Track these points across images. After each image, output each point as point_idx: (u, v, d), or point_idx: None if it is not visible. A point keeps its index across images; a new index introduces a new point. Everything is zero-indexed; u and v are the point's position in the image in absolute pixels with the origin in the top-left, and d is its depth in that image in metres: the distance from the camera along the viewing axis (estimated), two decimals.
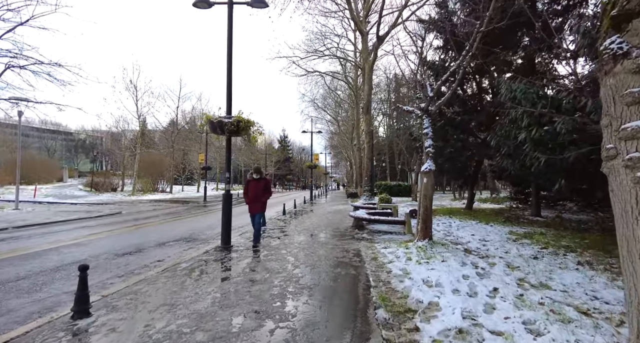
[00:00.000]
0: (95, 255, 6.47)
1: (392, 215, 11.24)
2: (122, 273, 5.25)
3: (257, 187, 7.34)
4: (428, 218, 6.54)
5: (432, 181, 6.63)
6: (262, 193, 7.36)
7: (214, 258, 6.07)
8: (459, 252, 6.20)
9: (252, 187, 7.36)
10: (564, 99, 5.72)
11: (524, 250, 6.50)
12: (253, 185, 7.36)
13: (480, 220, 11.54)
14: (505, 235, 8.57)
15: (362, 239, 8.14)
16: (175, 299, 3.89)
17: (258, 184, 7.36)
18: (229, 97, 7.13)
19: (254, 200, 7.34)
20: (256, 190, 7.33)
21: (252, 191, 7.35)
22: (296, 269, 5.24)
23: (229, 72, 7.12)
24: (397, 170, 43.70)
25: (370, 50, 20.82)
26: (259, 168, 7.76)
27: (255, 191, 7.33)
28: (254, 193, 7.33)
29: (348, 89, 35.89)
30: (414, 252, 6.02)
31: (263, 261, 5.80)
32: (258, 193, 7.32)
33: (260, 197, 7.35)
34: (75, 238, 8.34)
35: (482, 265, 5.23)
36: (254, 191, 7.33)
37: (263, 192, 7.39)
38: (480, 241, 7.76)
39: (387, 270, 5.19)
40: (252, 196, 7.34)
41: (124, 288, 4.33)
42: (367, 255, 6.32)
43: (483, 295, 3.80)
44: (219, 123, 6.76)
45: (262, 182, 7.44)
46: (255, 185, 7.35)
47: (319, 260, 5.83)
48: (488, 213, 14.23)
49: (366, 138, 19.83)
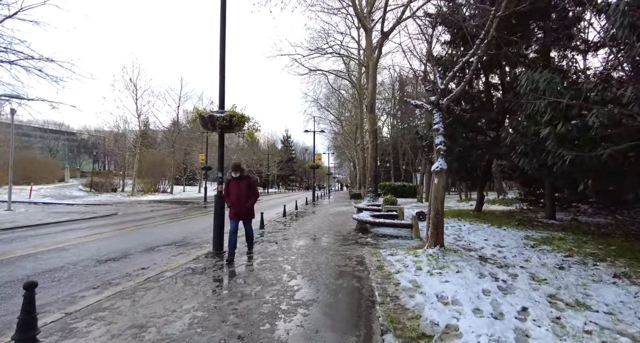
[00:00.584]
0: (75, 261, 5.94)
1: (397, 217, 10.62)
2: (98, 283, 4.70)
3: (238, 188, 6.00)
4: (439, 223, 5.94)
5: (444, 181, 6.02)
6: (246, 195, 6.02)
7: (203, 266, 5.51)
8: (474, 261, 5.59)
9: (234, 188, 6.01)
10: (592, 90, 5.11)
11: (545, 258, 5.87)
12: (234, 186, 6.02)
13: (492, 223, 10.89)
14: (521, 240, 7.93)
15: (366, 244, 7.54)
16: (148, 319, 3.32)
17: (240, 184, 6.02)
18: (221, 90, 6.58)
19: (238, 205, 6.00)
20: (238, 191, 5.99)
21: (234, 193, 6.01)
22: (292, 280, 4.66)
23: (222, 62, 6.56)
24: (402, 171, 43.00)
25: (374, 47, 20.22)
26: (237, 164, 6.14)
27: (238, 193, 6.00)
28: (236, 196, 5.99)
29: (351, 88, 35.29)
30: (424, 261, 5.42)
31: (256, 270, 5.23)
32: (241, 195, 5.99)
33: (244, 200, 6.01)
34: (60, 242, 7.82)
35: (503, 277, 4.61)
36: (236, 193, 5.99)
37: (247, 194, 6.04)
38: (495, 247, 7.13)
39: (394, 282, 4.60)
40: (235, 199, 5.99)
41: (93, 303, 3.78)
42: (372, 263, 5.73)
43: (511, 317, 3.20)
44: (209, 118, 6.20)
45: (245, 182, 6.06)
46: (237, 186, 6.01)
47: (318, 270, 5.25)
48: (498, 215, 13.57)
49: (370, 137, 19.22)
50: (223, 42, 6.55)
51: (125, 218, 12.96)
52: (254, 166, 55.17)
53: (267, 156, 55.96)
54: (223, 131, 6.43)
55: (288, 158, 69.93)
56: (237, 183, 6.03)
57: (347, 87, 38.69)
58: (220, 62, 6.56)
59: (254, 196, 6.20)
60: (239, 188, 6.01)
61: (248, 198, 6.06)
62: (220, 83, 6.56)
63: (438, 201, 5.99)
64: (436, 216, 5.97)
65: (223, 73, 6.57)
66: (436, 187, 6.05)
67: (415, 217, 8.57)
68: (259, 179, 56.02)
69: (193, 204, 21.69)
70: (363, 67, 27.70)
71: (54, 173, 37.62)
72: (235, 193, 6.02)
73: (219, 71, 6.57)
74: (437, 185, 6.05)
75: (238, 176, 6.06)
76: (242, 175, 6.10)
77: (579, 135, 5.35)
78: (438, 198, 6.00)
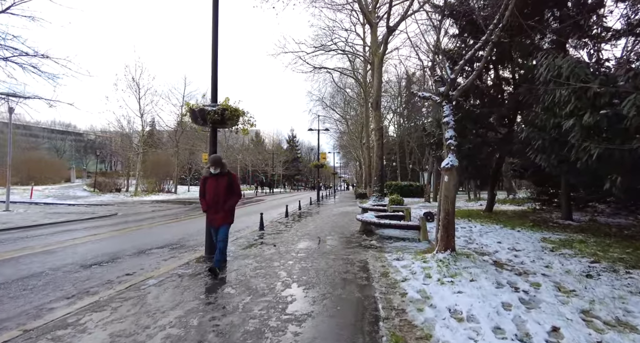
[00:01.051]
0: (58, 266, 5.54)
1: (404, 218, 10.09)
2: (74, 292, 4.28)
3: (216, 187, 5.05)
4: (450, 225, 5.41)
5: (455, 180, 5.50)
6: (224, 196, 5.06)
7: (192, 272, 5.07)
8: (489, 267, 5.06)
9: (211, 187, 5.07)
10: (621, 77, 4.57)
11: (569, 264, 5.31)
12: (211, 185, 5.08)
13: (504, 224, 10.30)
14: (538, 242, 7.35)
15: (370, 247, 7.04)
16: (113, 339, 2.88)
17: (218, 182, 5.06)
18: (214, 81, 6.14)
19: (214, 207, 5.06)
20: (216, 190, 5.04)
21: (211, 192, 5.06)
22: (286, 290, 4.19)
23: (214, 51, 6.12)
24: (408, 170, 42.28)
25: (379, 42, 19.67)
26: (217, 158, 5.08)
27: (215, 192, 5.04)
28: (212, 196, 5.04)
29: (357, 87, 34.73)
30: (433, 267, 4.91)
31: (249, 277, 4.76)
32: (219, 195, 5.03)
33: (222, 201, 5.04)
34: (49, 244, 7.46)
35: (524, 287, 4.08)
36: (213, 192, 5.04)
37: (226, 195, 5.07)
38: (510, 251, 6.58)
39: (400, 292, 4.10)
40: (211, 200, 5.05)
41: (60, 317, 3.35)
42: (376, 269, 5.24)
43: (541, 340, 2.68)
44: (200, 112, 5.76)
45: (224, 179, 5.08)
46: (214, 184, 5.06)
47: (316, 277, 4.77)
48: (510, 216, 12.94)
49: (375, 135, 18.68)
50: (215, 29, 6.10)
51: (124, 219, 12.63)
52: (259, 166, 54.93)
53: (272, 156, 55.61)
54: (215, 126, 5.99)
55: (293, 158, 69.57)
56: (216, 181, 5.07)
57: (352, 86, 38.14)
58: (213, 52, 6.12)
59: (235, 196, 5.20)
60: (217, 187, 5.04)
61: (227, 198, 5.09)
62: (213, 74, 6.12)
63: (448, 201, 5.47)
64: (446, 217, 5.45)
65: (215, 64, 6.13)
66: (446, 185, 5.53)
67: (423, 218, 8.04)
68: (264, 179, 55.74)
69: (196, 204, 21.35)
70: (368, 64, 27.13)
71: (60, 173, 37.68)
72: (212, 193, 5.04)
73: (211, 61, 6.13)
74: (447, 183, 5.53)
75: (218, 172, 5.07)
76: (222, 172, 5.09)
77: (609, 126, 4.79)
78: (448, 198, 5.47)
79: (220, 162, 5.08)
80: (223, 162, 5.14)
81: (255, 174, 58.29)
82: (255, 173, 58.16)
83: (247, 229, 9.93)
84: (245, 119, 6.39)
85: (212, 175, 5.10)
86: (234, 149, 51.35)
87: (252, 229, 9.76)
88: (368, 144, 29.29)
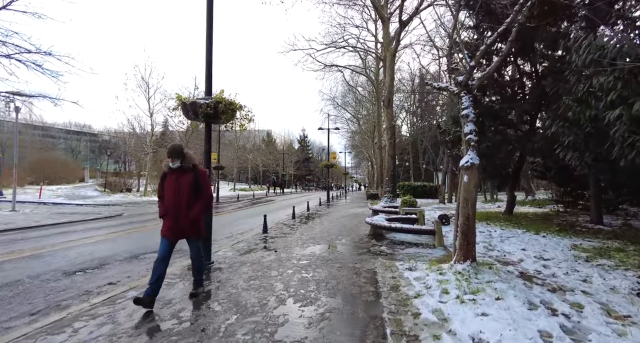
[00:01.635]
0: (38, 274, 5.12)
1: (417, 221, 9.41)
2: (42, 306, 3.81)
3: (177, 186, 3.71)
4: (470, 232, 4.75)
5: (476, 180, 4.83)
6: (188, 197, 3.73)
7: (179, 280, 4.56)
8: (516, 281, 4.38)
9: (170, 186, 3.74)
10: None
11: (611, 278, 4.57)
12: (171, 183, 3.75)
13: (527, 228, 9.49)
14: (568, 250, 6.59)
15: (380, 254, 6.42)
16: None
17: (180, 180, 3.74)
18: (208, 73, 5.63)
19: (174, 212, 3.71)
20: (176, 190, 3.71)
21: (170, 193, 3.73)
22: (280, 307, 3.62)
23: (209, 40, 5.61)
24: (422, 170, 41.24)
25: (392, 38, 18.98)
26: (175, 147, 3.76)
27: (175, 192, 3.70)
28: (172, 198, 3.71)
29: (369, 85, 33.99)
30: (451, 281, 4.26)
31: (240, 290, 4.22)
32: (180, 197, 3.70)
33: (185, 205, 3.71)
34: (40, 247, 7.11)
35: (563, 309, 3.40)
36: (172, 192, 3.71)
37: (190, 196, 3.75)
38: (537, 260, 5.85)
39: (413, 312, 3.48)
40: (170, 204, 3.72)
41: (11, 341, 2.87)
42: (385, 281, 4.62)
43: None
44: (192, 105, 5.26)
45: (188, 176, 3.78)
46: (175, 183, 3.73)
47: (316, 290, 4.18)
48: (532, 219, 12.07)
49: (387, 134, 17.98)
50: (210, 14, 5.59)
51: (127, 220, 12.32)
52: (270, 166, 54.67)
53: (282, 156, 55.31)
54: (208, 120, 5.47)
55: (305, 158, 69.18)
56: (176, 178, 3.75)
57: (364, 84, 37.42)
58: (207, 40, 5.61)
59: (203, 198, 3.86)
60: (179, 186, 3.71)
61: (192, 201, 3.76)
62: (207, 64, 5.61)
63: (468, 204, 4.80)
64: (466, 223, 4.79)
65: (210, 53, 5.62)
66: (466, 186, 4.86)
67: (438, 222, 7.36)
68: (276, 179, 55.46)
69: None
70: (380, 61, 26.40)
71: (75, 173, 38.21)
72: (171, 193, 3.72)
73: (206, 51, 5.62)
74: (466, 184, 4.86)
75: (178, 166, 3.75)
76: (184, 166, 3.77)
77: None
78: (468, 201, 4.81)
79: (179, 152, 3.73)
80: (185, 153, 3.78)
81: (267, 174, 58.10)
82: (267, 174, 57.97)
83: (251, 232, 9.44)
84: (243, 113, 5.87)
85: (171, 170, 3.79)
86: (245, 149, 51.20)
87: (255, 232, 9.27)
88: (380, 144, 28.53)
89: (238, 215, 14.59)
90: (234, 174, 46.72)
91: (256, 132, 58.85)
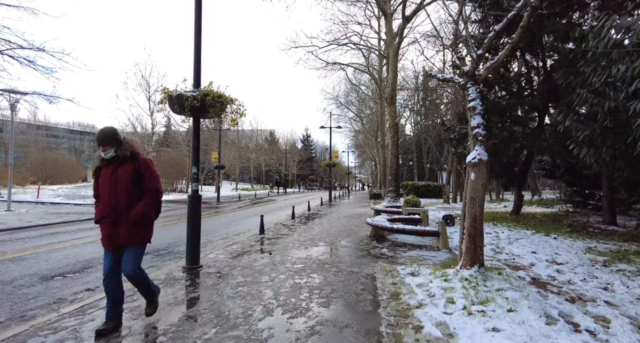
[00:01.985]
0: (13, 278, 4.79)
1: (420, 222, 9.00)
2: (4, 317, 3.46)
3: (113, 180, 2.95)
4: (478, 234, 4.34)
5: (484, 177, 4.42)
6: (127, 194, 2.96)
7: (163, 286, 4.20)
8: (529, 289, 3.97)
9: (105, 182, 2.98)
10: None
11: (635, 286, 4.14)
12: (105, 178, 2.98)
13: (536, 229, 9.05)
14: (583, 253, 6.15)
15: (381, 257, 6.03)
16: None
17: (117, 173, 2.98)
18: (197, 63, 5.27)
19: (111, 214, 2.93)
20: (112, 186, 2.94)
21: (105, 190, 2.96)
22: (266, 319, 3.25)
23: (198, 26, 5.24)
24: (426, 170, 40.74)
25: (395, 34, 18.53)
26: (106, 133, 2.96)
27: (111, 189, 2.94)
28: (109, 196, 2.94)
29: (372, 84, 33.53)
30: (457, 288, 3.86)
31: (225, 298, 3.85)
32: (118, 194, 2.93)
33: (122, 204, 2.93)
34: (24, 249, 6.79)
35: (586, 324, 2.99)
36: (108, 189, 2.95)
37: (130, 191, 2.97)
38: (550, 264, 5.43)
39: (414, 325, 3.09)
40: (107, 203, 2.94)
41: None
42: (385, 287, 4.23)
43: None
44: (177, 98, 4.90)
45: (128, 167, 3.00)
46: (111, 177, 2.96)
47: (308, 299, 3.80)
48: (541, 219, 11.60)
49: (390, 132, 17.55)
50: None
51: None
52: (273, 165, 54.33)
53: (285, 155, 54.98)
54: (195, 115, 5.11)
55: (308, 157, 68.78)
56: (112, 171, 2.97)
57: (367, 83, 36.99)
58: (196, 27, 5.25)
59: (149, 193, 3.03)
60: (115, 182, 2.93)
61: (133, 200, 2.97)
62: (195, 53, 5.25)
63: (476, 204, 4.40)
64: (473, 224, 4.39)
65: (199, 41, 5.25)
66: (473, 185, 4.46)
67: (443, 223, 6.95)
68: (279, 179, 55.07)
69: (205, 204, 20.76)
70: (384, 59, 25.97)
71: (77, 173, 38.13)
72: (107, 191, 2.94)
73: (194, 39, 5.26)
74: (474, 182, 4.45)
75: (112, 156, 2.96)
76: (121, 155, 2.98)
77: None
78: (476, 201, 4.40)
79: (112, 138, 2.93)
80: (120, 139, 2.99)
81: (270, 174, 57.79)
82: (270, 173, 57.66)
83: (248, 233, 9.10)
84: (234, 107, 5.50)
85: (105, 161, 3.00)
86: (248, 148, 50.89)
87: (252, 233, 8.92)
88: (383, 142, 28.09)
89: (237, 215, 14.25)
90: (237, 174, 46.44)
91: (259, 131, 58.58)
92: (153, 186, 3.08)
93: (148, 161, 3.12)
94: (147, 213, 3.00)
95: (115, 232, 2.95)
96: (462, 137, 11.95)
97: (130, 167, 3.01)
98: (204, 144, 40.34)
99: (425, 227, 8.40)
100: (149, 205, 3.04)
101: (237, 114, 5.58)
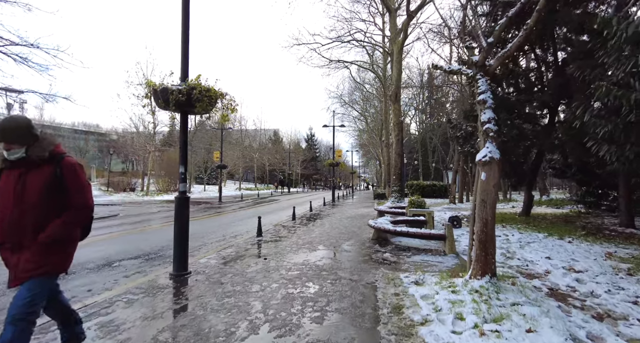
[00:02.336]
0: None
1: (426, 223, 8.58)
2: None
3: (20, 190, 2.10)
4: (489, 240, 3.92)
5: (497, 178, 4.00)
6: (39, 208, 2.12)
7: (143, 296, 3.85)
8: (549, 303, 3.54)
9: (6, 190, 2.11)
10: None
11: None
12: (6, 184, 2.12)
13: (549, 231, 8.56)
14: (603, 259, 5.69)
15: (383, 262, 5.62)
16: None
17: (24, 180, 2.12)
18: (184, 56, 4.90)
19: (11, 235, 2.09)
20: (18, 196, 2.09)
21: (6, 201, 2.09)
22: (249, 338, 2.86)
23: (185, 17, 4.88)
24: (431, 169, 40.16)
25: (399, 30, 18.07)
26: (10, 125, 2.08)
27: (16, 199, 2.09)
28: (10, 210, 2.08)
29: (376, 82, 33.02)
30: (467, 302, 3.44)
31: (209, 311, 3.48)
32: (23, 208, 2.08)
33: (29, 221, 2.09)
34: None
35: None
36: (9, 200, 2.08)
37: (43, 205, 2.13)
38: (567, 272, 4.99)
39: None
40: (5, 221, 2.08)
41: None
42: (387, 298, 3.83)
43: None
44: (162, 92, 4.54)
45: (42, 172, 2.15)
46: (15, 185, 2.10)
47: (300, 313, 3.41)
48: (552, 221, 11.10)
49: (394, 130, 17.09)
50: None
51: (120, 221, 11.77)
52: (277, 165, 54.04)
53: (289, 154, 54.67)
54: (182, 110, 4.75)
55: (312, 157, 68.41)
56: (18, 176, 2.13)
57: (371, 82, 36.48)
58: (183, 17, 4.88)
59: (75, 211, 2.24)
60: (21, 191, 2.11)
61: (45, 216, 2.15)
62: (183, 44, 4.88)
63: (487, 207, 3.97)
64: (484, 229, 3.96)
65: (187, 33, 4.89)
66: (484, 186, 4.03)
67: (450, 226, 6.52)
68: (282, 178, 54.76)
69: (206, 204, 20.51)
70: (388, 56, 25.50)
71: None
72: (6, 203, 2.11)
73: (182, 28, 4.89)
74: (485, 183, 4.03)
75: (20, 157, 2.12)
76: (35, 156, 2.14)
77: None
78: (487, 204, 3.98)
79: (21, 134, 2.11)
80: (35, 134, 2.18)
81: (274, 173, 57.52)
82: (274, 173, 57.39)
83: (246, 235, 8.76)
84: (225, 102, 5.14)
85: (9, 162, 2.16)
86: (251, 148, 50.69)
87: (250, 235, 8.58)
88: (387, 142, 27.61)
89: (237, 216, 13.92)
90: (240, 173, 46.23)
91: (263, 131, 58.35)
92: (81, 201, 2.24)
93: (76, 166, 2.27)
94: (63, 235, 2.19)
95: (16, 259, 2.12)
96: (469, 134, 11.49)
97: (47, 172, 2.15)
98: (207, 143, 40.15)
99: (431, 229, 7.98)
100: (69, 226, 2.20)
101: (229, 110, 5.22)
